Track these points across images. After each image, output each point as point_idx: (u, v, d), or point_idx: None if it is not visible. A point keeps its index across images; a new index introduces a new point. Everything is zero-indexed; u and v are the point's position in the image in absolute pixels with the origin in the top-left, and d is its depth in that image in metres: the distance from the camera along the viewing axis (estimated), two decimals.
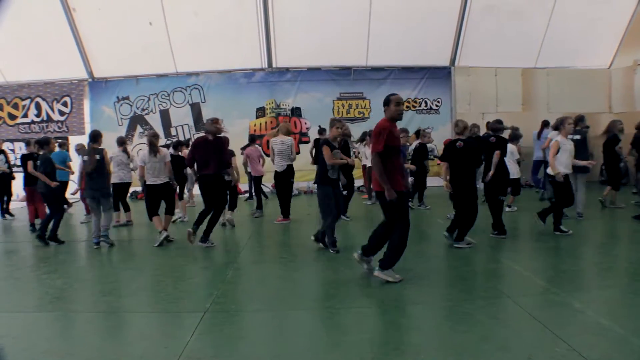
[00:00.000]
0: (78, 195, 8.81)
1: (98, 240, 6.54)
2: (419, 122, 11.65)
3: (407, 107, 12.29)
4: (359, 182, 10.50)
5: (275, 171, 7.90)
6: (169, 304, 4.37)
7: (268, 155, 11.69)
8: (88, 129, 12.15)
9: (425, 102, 12.32)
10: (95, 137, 6.65)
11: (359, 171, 10.17)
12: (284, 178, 7.90)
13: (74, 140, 11.93)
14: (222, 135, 6.40)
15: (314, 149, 9.86)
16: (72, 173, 9.03)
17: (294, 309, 4.10)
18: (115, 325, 3.92)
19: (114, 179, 7.77)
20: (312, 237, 6.15)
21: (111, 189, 7.09)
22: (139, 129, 12.25)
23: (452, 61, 12.31)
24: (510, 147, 7.67)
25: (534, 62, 12.47)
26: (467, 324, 3.59)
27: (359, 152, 9.80)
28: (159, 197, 6.85)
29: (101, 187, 6.55)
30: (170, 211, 6.97)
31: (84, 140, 11.29)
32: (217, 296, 4.41)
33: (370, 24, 11.39)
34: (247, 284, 4.98)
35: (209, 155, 6.19)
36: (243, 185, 10.75)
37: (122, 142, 8.31)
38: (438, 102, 12.38)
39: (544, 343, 3.21)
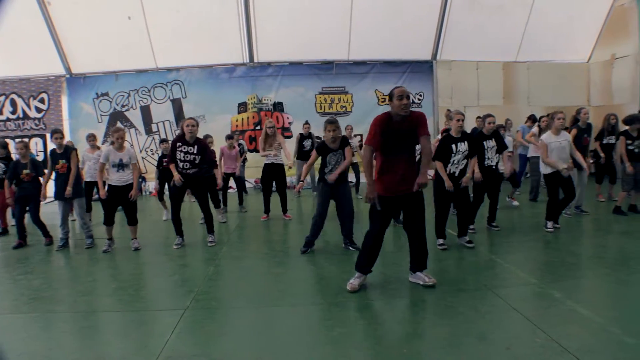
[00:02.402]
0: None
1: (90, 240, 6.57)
2: None
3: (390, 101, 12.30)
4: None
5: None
6: (149, 303, 4.33)
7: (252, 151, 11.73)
8: (66, 126, 11.96)
9: (408, 97, 12.30)
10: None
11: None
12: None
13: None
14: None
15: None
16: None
17: (276, 305, 4.07)
18: (94, 325, 3.84)
19: (87, 177, 7.89)
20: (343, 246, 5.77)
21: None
22: (119, 125, 12.02)
23: (434, 55, 12.35)
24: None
25: (514, 56, 12.59)
26: (449, 316, 3.61)
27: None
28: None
29: (72, 188, 6.38)
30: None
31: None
32: (197, 293, 4.36)
33: (352, 17, 11.36)
34: (228, 280, 4.94)
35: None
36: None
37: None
38: (420, 95, 12.42)
39: (523, 334, 3.25)
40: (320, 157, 5.66)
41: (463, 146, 5.49)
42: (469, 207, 5.90)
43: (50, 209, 7.53)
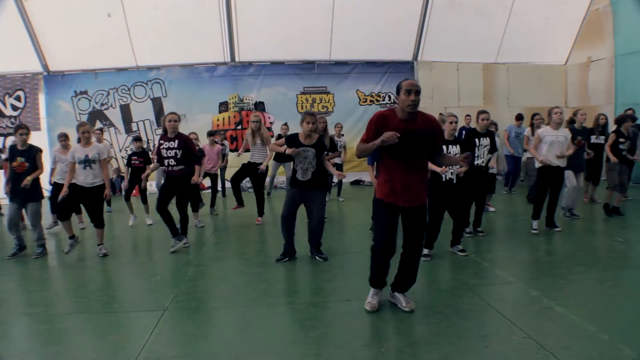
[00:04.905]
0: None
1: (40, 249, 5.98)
2: None
3: (371, 101, 12.39)
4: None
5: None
6: (127, 304, 4.26)
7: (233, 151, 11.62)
8: (44, 125, 11.72)
9: (389, 96, 12.39)
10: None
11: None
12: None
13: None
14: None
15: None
16: None
17: (256, 305, 4.05)
18: (70, 328, 3.76)
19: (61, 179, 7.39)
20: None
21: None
22: (98, 124, 11.83)
23: (415, 56, 12.44)
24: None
25: (494, 57, 12.74)
26: (428, 315, 3.64)
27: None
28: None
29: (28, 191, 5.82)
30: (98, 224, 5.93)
31: (42, 136, 10.98)
32: (177, 294, 4.31)
33: (334, 18, 11.37)
34: (209, 281, 4.90)
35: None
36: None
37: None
38: None
39: (501, 331, 3.29)
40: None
41: (455, 149, 5.23)
42: (465, 214, 5.56)
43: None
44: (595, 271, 4.68)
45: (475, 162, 5.90)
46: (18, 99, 11.75)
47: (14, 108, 11.75)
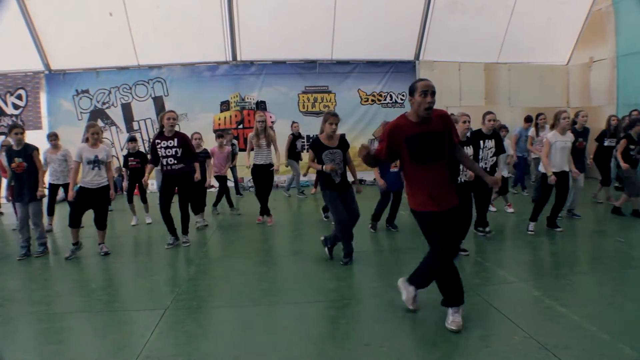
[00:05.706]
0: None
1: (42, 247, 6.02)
2: (384, 116, 11.70)
3: (372, 100, 12.38)
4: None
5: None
6: (128, 303, 4.28)
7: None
8: (45, 124, 11.72)
9: (390, 96, 12.39)
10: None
11: None
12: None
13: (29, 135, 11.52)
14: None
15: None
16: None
17: (257, 304, 4.06)
18: (71, 326, 3.77)
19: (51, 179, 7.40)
20: (322, 237, 5.45)
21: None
22: (100, 123, 11.82)
23: (417, 55, 12.40)
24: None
25: (496, 57, 12.71)
26: (429, 314, 3.64)
27: None
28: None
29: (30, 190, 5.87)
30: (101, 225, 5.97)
31: (43, 134, 10.96)
32: (178, 293, 4.32)
33: (336, 17, 11.35)
34: (210, 280, 4.90)
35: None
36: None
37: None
38: (403, 96, 12.46)
39: (502, 331, 3.29)
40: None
41: (468, 151, 5.21)
42: (468, 217, 5.49)
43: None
44: (597, 271, 4.68)
45: (479, 164, 5.83)
46: (19, 97, 11.75)
47: (15, 107, 11.75)
